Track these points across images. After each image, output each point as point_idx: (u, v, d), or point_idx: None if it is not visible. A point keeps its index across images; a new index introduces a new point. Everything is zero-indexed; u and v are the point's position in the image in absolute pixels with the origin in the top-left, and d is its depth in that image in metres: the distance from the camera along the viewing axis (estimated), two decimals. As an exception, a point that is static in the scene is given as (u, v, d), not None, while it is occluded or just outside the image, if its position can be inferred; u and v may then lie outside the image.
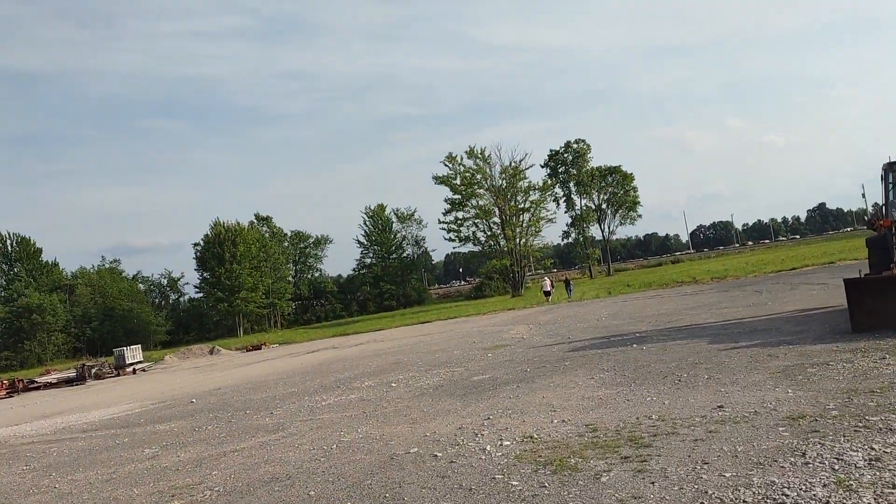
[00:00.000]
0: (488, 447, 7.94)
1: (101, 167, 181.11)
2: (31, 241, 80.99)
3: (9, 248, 79.35)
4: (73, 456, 11.98)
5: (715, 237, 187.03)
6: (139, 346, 44.95)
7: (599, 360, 13.74)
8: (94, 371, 38.70)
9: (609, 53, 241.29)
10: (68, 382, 37.39)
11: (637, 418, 8.25)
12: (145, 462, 10.32)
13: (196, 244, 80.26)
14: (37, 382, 37.31)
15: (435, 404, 11.61)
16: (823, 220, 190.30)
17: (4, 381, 36.90)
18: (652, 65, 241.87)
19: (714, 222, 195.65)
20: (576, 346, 17.14)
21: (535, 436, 8.13)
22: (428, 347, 23.97)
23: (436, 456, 7.90)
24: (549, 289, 46.17)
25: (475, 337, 25.28)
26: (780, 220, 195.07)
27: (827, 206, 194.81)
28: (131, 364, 40.30)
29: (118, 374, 38.83)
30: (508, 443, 8.01)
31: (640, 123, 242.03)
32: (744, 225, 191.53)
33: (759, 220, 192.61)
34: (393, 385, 14.95)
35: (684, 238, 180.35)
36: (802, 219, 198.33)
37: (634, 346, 15.20)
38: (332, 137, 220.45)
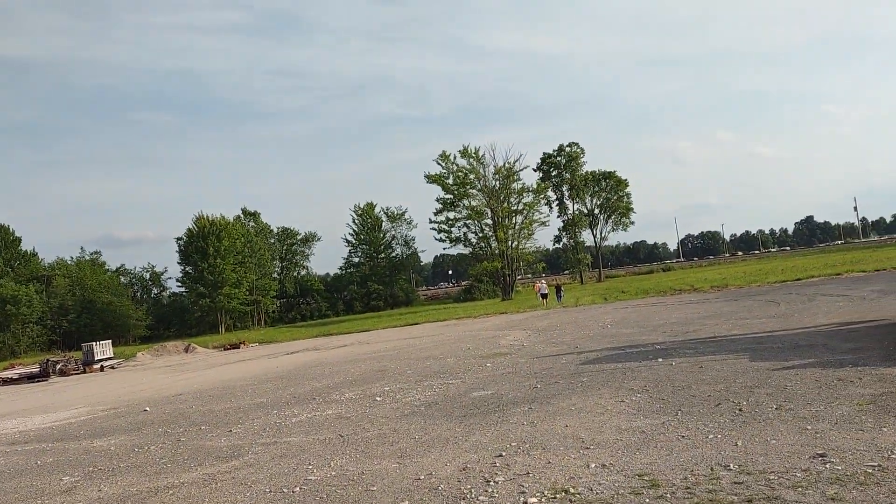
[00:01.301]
0: (508, 504, 5.77)
1: (89, 158, 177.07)
2: (11, 230, 77.86)
3: (-15, 236, 76.16)
4: (-21, 481, 9.71)
5: (703, 247, 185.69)
6: (109, 341, 42.18)
7: (624, 378, 11.58)
8: (58, 367, 36.08)
9: (605, 62, 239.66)
10: (30, 379, 34.80)
11: (711, 468, 6.07)
12: (56, 497, 8.06)
13: (179, 238, 77.63)
14: (-5, 378, 34.75)
15: (429, 429, 9.43)
16: (811, 233, 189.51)
17: (-42, 376, 34.32)
18: (647, 75, 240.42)
19: (702, 232, 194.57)
20: (588, 357, 14.98)
21: (572, 490, 5.91)
22: (417, 353, 21.74)
23: (435, 515, 5.73)
24: (545, 291, 44.26)
25: (468, 342, 23.09)
26: (767, 231, 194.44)
27: (815, 218, 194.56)
28: (100, 360, 37.64)
29: (84, 371, 36.23)
30: (535, 500, 5.82)
31: (632, 133, 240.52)
32: (731, 235, 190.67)
33: (747, 231, 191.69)
34: (377, 399, 12.75)
35: (672, 247, 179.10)
36: (790, 231, 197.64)
37: (660, 360, 13.05)
38: (324, 135, 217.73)
